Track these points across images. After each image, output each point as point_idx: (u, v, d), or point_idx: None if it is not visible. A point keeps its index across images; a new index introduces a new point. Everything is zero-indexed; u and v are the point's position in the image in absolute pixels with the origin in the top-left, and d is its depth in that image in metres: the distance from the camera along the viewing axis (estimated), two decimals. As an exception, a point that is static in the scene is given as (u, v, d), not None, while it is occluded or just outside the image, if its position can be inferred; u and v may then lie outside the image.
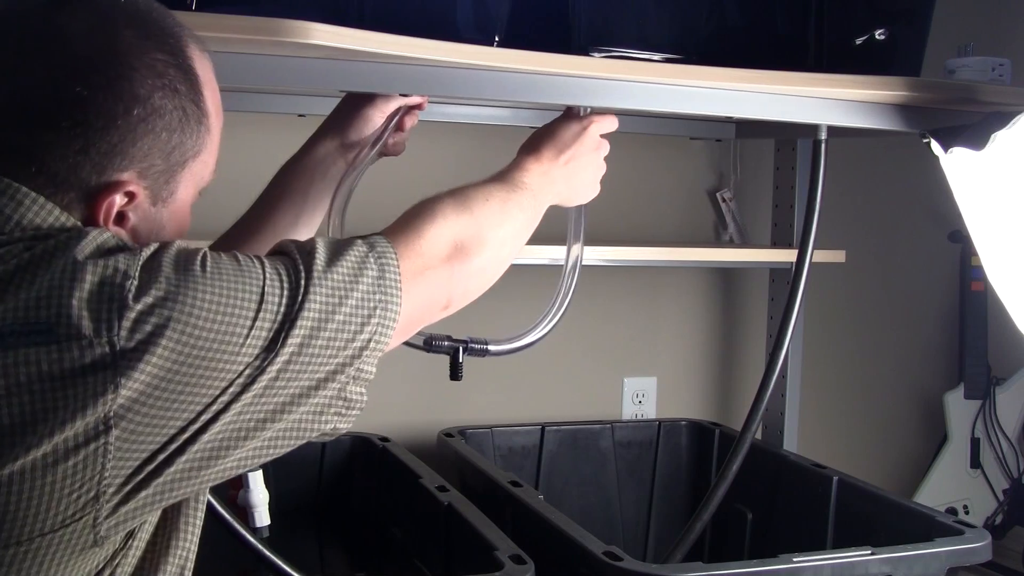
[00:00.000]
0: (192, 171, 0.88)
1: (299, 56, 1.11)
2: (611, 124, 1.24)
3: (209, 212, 1.13)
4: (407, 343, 1.22)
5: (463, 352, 1.24)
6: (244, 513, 1.40)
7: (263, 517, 1.41)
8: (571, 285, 1.32)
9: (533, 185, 1.12)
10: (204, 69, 0.88)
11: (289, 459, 1.77)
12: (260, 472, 1.42)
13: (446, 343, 1.23)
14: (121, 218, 0.84)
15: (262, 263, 0.84)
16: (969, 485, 2.29)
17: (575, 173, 1.19)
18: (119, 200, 0.83)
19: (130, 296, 0.75)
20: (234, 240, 1.16)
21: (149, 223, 0.86)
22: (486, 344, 1.26)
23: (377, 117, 1.22)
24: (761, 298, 2.14)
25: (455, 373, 1.24)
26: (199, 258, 0.80)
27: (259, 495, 1.41)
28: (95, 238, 0.79)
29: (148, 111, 0.82)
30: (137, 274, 0.77)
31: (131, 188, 0.83)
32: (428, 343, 1.23)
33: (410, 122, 1.26)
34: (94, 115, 0.80)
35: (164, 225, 0.88)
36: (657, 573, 1.29)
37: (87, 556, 0.78)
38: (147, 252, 0.79)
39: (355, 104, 1.22)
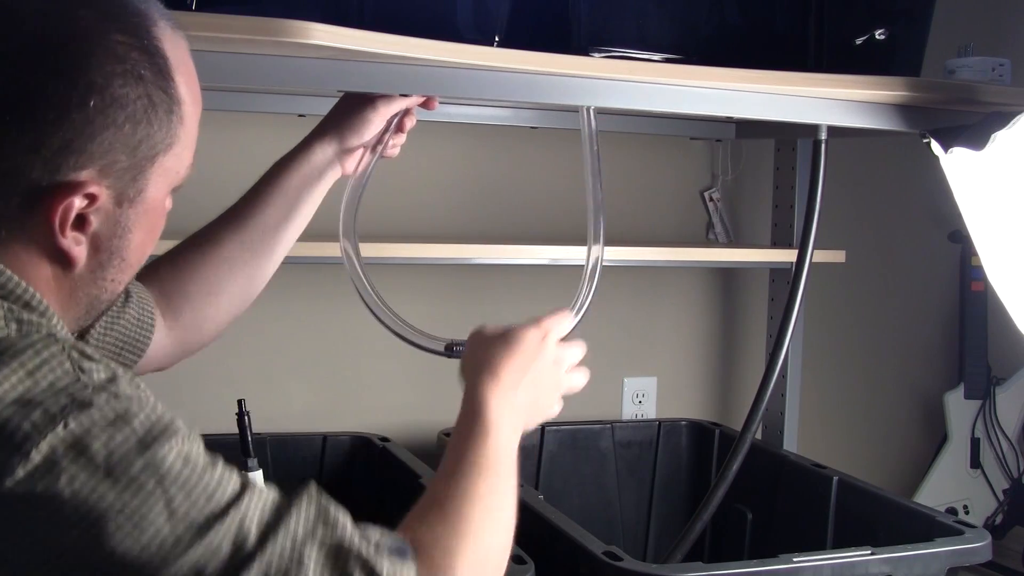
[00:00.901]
0: (163, 167, 0.79)
1: (299, 56, 1.11)
2: (569, 323, 1.08)
3: (209, 213, 1.13)
4: (426, 349, 1.22)
5: None
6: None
7: (263, 517, 1.41)
8: (592, 288, 1.29)
9: (503, 425, 0.93)
10: (177, 51, 0.78)
11: (289, 459, 1.78)
12: (260, 472, 1.42)
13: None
14: (81, 221, 0.75)
15: (231, 509, 0.68)
16: (969, 485, 2.29)
17: (540, 394, 1.01)
18: (78, 203, 0.73)
19: (8, 479, 0.62)
20: (219, 232, 1.12)
21: (113, 227, 0.77)
22: None
23: (377, 121, 1.19)
24: (761, 298, 2.14)
25: None
26: (159, 473, 0.65)
27: (259, 495, 1.41)
28: (27, 362, 0.65)
29: (107, 101, 0.73)
30: (40, 448, 0.63)
31: (91, 189, 0.74)
32: (449, 349, 1.22)
33: (409, 124, 1.23)
34: (44, 107, 0.71)
35: (131, 228, 0.78)
36: (657, 573, 1.29)
37: None
38: (85, 422, 0.64)
39: (355, 108, 1.19)
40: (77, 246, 0.76)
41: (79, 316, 0.81)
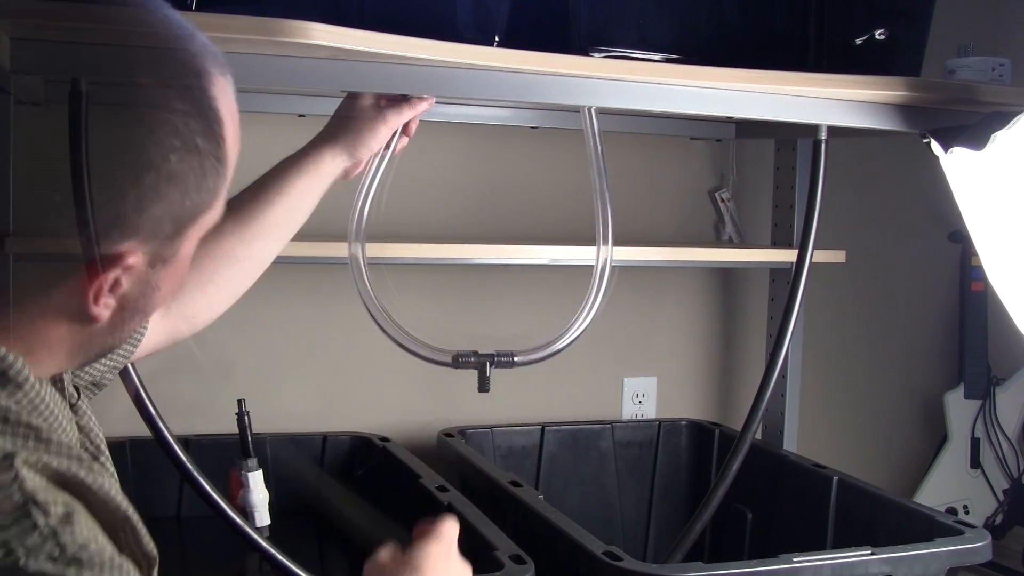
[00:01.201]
0: (202, 223, 0.77)
1: (299, 56, 1.11)
2: (456, 526, 1.00)
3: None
4: (432, 360, 1.22)
5: (491, 366, 1.23)
6: (244, 513, 1.40)
7: (263, 517, 1.41)
8: (600, 289, 1.29)
9: None
10: (226, 101, 0.75)
11: (289, 459, 1.78)
12: (260, 472, 1.43)
13: (473, 359, 1.23)
14: (113, 284, 0.72)
15: None
16: (969, 485, 2.29)
17: None
18: (113, 275, 0.70)
19: None
20: (218, 225, 1.10)
21: (144, 287, 0.74)
22: (512, 356, 1.25)
23: (385, 132, 1.20)
24: (761, 298, 2.14)
25: (483, 385, 1.24)
26: None
27: (259, 495, 1.41)
28: None
29: (162, 177, 0.69)
30: None
31: (130, 260, 0.70)
32: (456, 360, 1.22)
33: (414, 127, 1.25)
34: (97, 187, 0.67)
35: (160, 286, 0.76)
36: (657, 573, 1.29)
37: None
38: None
39: (364, 119, 1.19)
40: (106, 310, 0.73)
41: (87, 360, 0.79)
